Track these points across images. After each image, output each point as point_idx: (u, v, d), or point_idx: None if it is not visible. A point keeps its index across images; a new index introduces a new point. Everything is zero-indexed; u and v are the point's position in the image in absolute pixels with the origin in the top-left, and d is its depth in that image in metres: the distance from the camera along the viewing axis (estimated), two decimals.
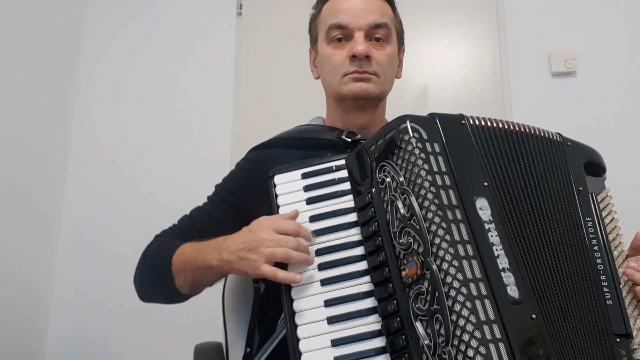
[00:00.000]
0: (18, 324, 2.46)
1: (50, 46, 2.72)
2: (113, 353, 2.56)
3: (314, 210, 1.16)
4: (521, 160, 1.10)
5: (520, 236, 1.00)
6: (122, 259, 2.61)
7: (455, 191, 1.00)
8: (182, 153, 2.72)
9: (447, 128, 1.08)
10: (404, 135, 1.06)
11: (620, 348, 0.95)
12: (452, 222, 0.96)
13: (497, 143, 1.11)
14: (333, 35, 1.43)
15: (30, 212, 2.55)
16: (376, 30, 1.42)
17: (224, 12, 2.85)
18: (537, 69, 2.53)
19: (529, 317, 0.90)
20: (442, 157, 1.04)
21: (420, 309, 0.93)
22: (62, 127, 2.80)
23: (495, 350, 0.84)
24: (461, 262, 0.91)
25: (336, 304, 1.04)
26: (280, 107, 2.65)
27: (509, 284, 0.92)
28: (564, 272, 0.99)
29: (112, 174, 2.76)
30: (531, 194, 1.06)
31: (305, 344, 1.01)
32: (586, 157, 1.19)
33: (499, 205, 1.01)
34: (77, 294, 2.65)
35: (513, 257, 0.95)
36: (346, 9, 1.42)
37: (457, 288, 0.89)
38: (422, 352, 0.91)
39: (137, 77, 2.87)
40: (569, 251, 1.02)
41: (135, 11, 2.96)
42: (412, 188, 1.01)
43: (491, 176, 1.05)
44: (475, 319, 0.86)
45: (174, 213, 2.54)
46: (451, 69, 2.59)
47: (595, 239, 1.06)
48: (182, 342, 1.71)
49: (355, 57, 1.38)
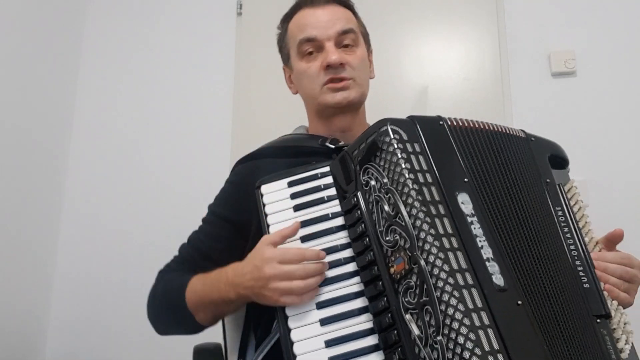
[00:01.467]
0: (18, 324, 2.46)
1: (50, 46, 2.74)
2: (113, 353, 2.55)
3: (301, 216, 1.18)
4: (496, 157, 1.14)
5: (502, 227, 1.03)
6: (122, 259, 2.63)
7: (437, 187, 1.03)
8: (182, 153, 2.73)
9: (425, 129, 1.12)
10: (385, 137, 1.10)
11: (601, 328, 0.98)
12: (435, 217, 0.99)
13: (474, 141, 1.14)
14: (304, 49, 1.47)
15: (30, 212, 2.56)
16: (344, 37, 1.47)
17: (224, 12, 2.88)
18: (537, 69, 2.56)
19: (515, 303, 0.92)
20: (423, 156, 1.07)
21: (410, 302, 0.95)
22: (62, 127, 2.81)
23: (484, 335, 0.86)
24: (447, 254, 0.94)
25: (328, 306, 1.06)
26: (280, 107, 2.65)
27: (494, 273, 0.94)
28: (544, 259, 1.03)
29: (112, 173, 2.77)
30: (508, 188, 1.10)
31: (300, 347, 1.03)
32: (550, 151, 1.23)
33: (480, 199, 1.05)
34: (77, 294, 2.63)
35: (497, 247, 0.99)
36: (312, 23, 1.47)
37: (444, 279, 0.92)
38: (414, 344, 0.93)
39: (137, 77, 2.88)
40: (546, 239, 1.06)
41: (136, 11, 2.98)
42: (396, 187, 1.04)
43: (470, 172, 1.09)
44: (464, 307, 0.89)
45: (174, 213, 2.58)
46: (451, 69, 2.62)
47: (567, 227, 1.09)
48: (182, 342, 1.71)
49: (329, 66, 1.42)
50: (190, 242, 1.44)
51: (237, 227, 1.38)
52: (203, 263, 1.35)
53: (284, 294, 1.05)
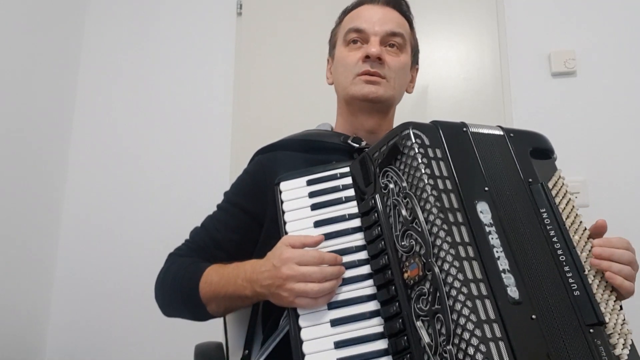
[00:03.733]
0: (18, 324, 2.46)
1: (50, 45, 2.73)
2: (113, 353, 2.55)
3: (318, 216, 1.18)
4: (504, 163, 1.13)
5: (515, 238, 1.01)
6: (122, 259, 2.63)
7: (456, 195, 1.02)
8: (182, 153, 2.72)
9: (448, 135, 1.11)
10: (407, 142, 1.09)
11: (595, 338, 0.94)
12: (453, 225, 0.97)
13: (494, 149, 1.14)
14: (350, 37, 1.50)
15: (30, 213, 2.55)
16: (391, 38, 1.49)
17: (224, 12, 2.86)
18: (537, 69, 2.54)
19: (529, 317, 0.91)
20: (444, 163, 1.06)
21: (421, 309, 0.95)
22: (62, 127, 2.81)
23: (495, 348, 0.85)
24: (462, 263, 0.93)
25: (339, 307, 1.06)
26: (280, 107, 2.66)
27: (509, 285, 0.93)
28: (542, 270, 1.00)
29: (112, 173, 2.77)
30: (512, 195, 1.09)
31: (309, 346, 1.03)
32: (531, 144, 1.20)
33: (500, 209, 1.03)
34: (77, 294, 2.64)
35: (513, 259, 0.97)
36: (365, 16, 1.50)
37: (458, 288, 0.91)
38: (423, 352, 0.92)
39: (137, 77, 2.88)
40: (536, 248, 1.03)
41: (136, 11, 2.98)
42: (415, 192, 1.04)
43: (491, 181, 1.07)
44: (476, 317, 0.87)
45: (174, 213, 2.58)
46: (451, 69, 2.60)
47: (553, 230, 1.06)
48: (182, 342, 1.71)
49: (368, 58, 1.43)
50: (205, 229, 1.43)
51: (252, 217, 1.38)
52: (216, 252, 1.36)
53: (299, 296, 1.05)
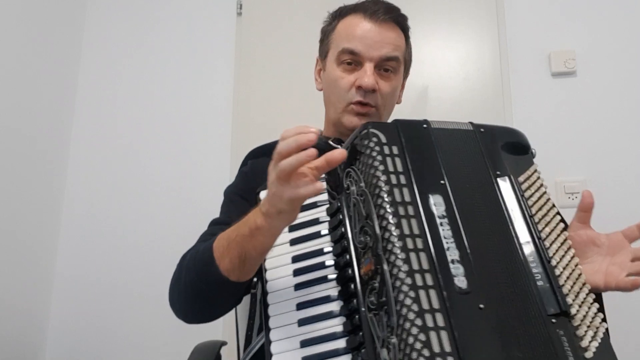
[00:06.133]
0: (18, 324, 2.48)
1: (50, 45, 2.74)
2: (113, 353, 2.58)
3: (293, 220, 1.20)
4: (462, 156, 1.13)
5: (470, 229, 1.01)
6: (122, 260, 2.66)
7: (410, 189, 1.03)
8: (182, 153, 2.75)
9: (407, 132, 1.12)
10: (364, 141, 1.11)
11: (558, 328, 0.92)
12: (402, 218, 0.98)
13: (459, 143, 1.14)
14: (344, 59, 1.45)
15: (30, 213, 2.57)
16: (386, 63, 1.45)
17: (224, 12, 2.87)
18: (537, 69, 2.52)
19: (476, 306, 0.90)
20: (400, 159, 1.07)
21: (373, 303, 0.95)
22: (62, 127, 2.83)
23: (436, 337, 0.85)
24: (408, 255, 0.93)
25: (307, 307, 1.07)
26: (280, 107, 2.67)
27: (457, 275, 0.93)
28: (499, 260, 0.99)
29: (112, 173, 2.80)
30: (473, 188, 1.08)
31: (277, 346, 1.04)
32: (503, 139, 1.19)
33: (457, 201, 1.03)
34: (77, 294, 2.67)
35: (466, 250, 0.97)
36: (361, 37, 1.43)
37: (402, 279, 0.90)
38: (374, 345, 0.92)
39: (137, 77, 2.90)
40: (499, 239, 1.02)
41: (136, 11, 3.00)
42: (370, 189, 1.05)
43: (450, 174, 1.07)
44: (418, 307, 0.87)
45: (174, 213, 2.60)
46: (451, 69, 2.59)
47: (519, 222, 1.05)
48: (182, 342, 1.72)
49: (361, 88, 1.41)
50: (212, 226, 1.39)
51: None
52: None
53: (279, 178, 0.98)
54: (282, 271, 1.14)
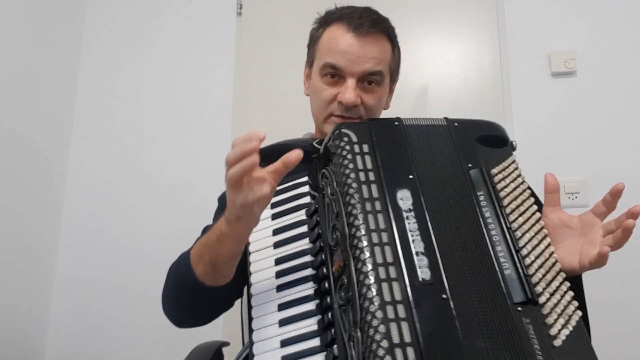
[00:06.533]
0: (18, 325, 2.48)
1: (50, 45, 2.75)
2: (113, 353, 2.58)
3: (276, 224, 1.23)
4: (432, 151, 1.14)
5: (437, 222, 1.01)
6: (122, 261, 2.66)
7: (378, 185, 1.04)
8: (182, 154, 2.74)
9: (378, 130, 1.14)
10: (336, 141, 1.14)
11: (524, 317, 0.91)
12: (369, 213, 1.00)
13: (431, 139, 1.15)
14: (326, 72, 1.45)
15: (30, 214, 2.58)
16: (369, 77, 1.43)
17: (224, 12, 2.87)
18: (537, 69, 2.49)
19: (439, 297, 0.90)
20: (370, 156, 1.09)
21: (342, 298, 0.96)
22: (62, 127, 2.83)
23: (396, 329, 0.85)
24: (373, 249, 0.94)
25: (287, 307, 1.09)
26: (280, 107, 2.67)
27: (421, 267, 0.93)
28: (466, 250, 0.99)
29: (113, 173, 2.80)
30: (441, 181, 1.09)
31: (258, 346, 1.06)
32: (478, 132, 1.19)
33: (425, 195, 1.04)
34: (77, 296, 2.67)
35: (432, 242, 0.97)
36: (343, 51, 1.41)
37: (366, 272, 0.92)
38: (343, 341, 0.93)
39: (137, 77, 2.91)
40: (468, 229, 1.02)
41: (136, 11, 3.00)
42: (340, 187, 1.07)
43: (419, 169, 1.09)
44: (380, 300, 0.88)
45: (174, 214, 2.61)
46: (451, 69, 2.58)
47: (489, 211, 1.05)
48: (182, 342, 1.72)
49: (342, 103, 1.40)
50: (207, 228, 1.37)
51: None
52: None
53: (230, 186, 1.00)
54: (265, 274, 1.16)
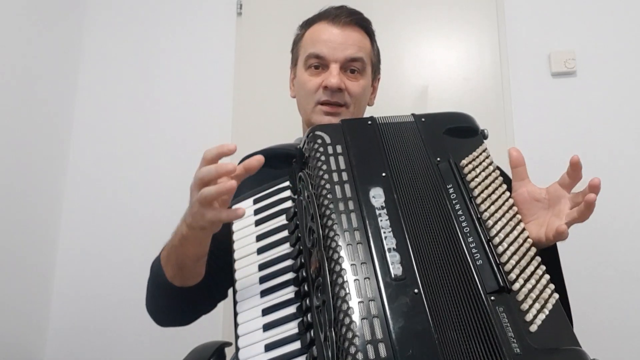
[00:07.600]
0: (17, 327, 2.48)
1: (50, 46, 2.76)
2: (113, 354, 2.59)
3: (260, 230, 1.24)
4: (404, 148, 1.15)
5: (409, 218, 1.01)
6: (122, 259, 2.67)
7: (351, 185, 1.05)
8: (182, 154, 2.75)
9: (352, 131, 1.15)
10: (310, 144, 1.15)
11: (497, 305, 0.90)
12: (342, 213, 1.00)
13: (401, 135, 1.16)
14: (310, 63, 1.53)
15: (29, 215, 2.58)
16: (351, 63, 1.51)
17: (224, 12, 2.89)
18: (537, 69, 2.50)
19: (411, 292, 0.90)
20: (343, 157, 1.10)
21: (318, 299, 0.97)
22: (62, 127, 2.84)
23: (368, 326, 0.85)
24: (347, 248, 0.95)
25: (271, 312, 1.10)
26: (280, 107, 2.65)
27: (393, 263, 0.93)
28: (438, 244, 0.99)
29: (112, 175, 2.80)
30: (412, 177, 1.09)
31: (244, 352, 1.07)
32: (445, 125, 1.20)
33: (398, 192, 1.05)
34: (76, 298, 2.69)
35: (402, 238, 0.97)
36: (325, 40, 1.51)
37: (339, 272, 0.92)
38: (320, 342, 0.93)
39: (137, 77, 2.91)
40: (439, 223, 1.02)
41: (136, 11, 3.01)
42: (315, 189, 1.08)
43: (391, 167, 1.09)
44: (352, 298, 0.89)
45: (174, 213, 2.58)
46: (451, 69, 2.59)
47: (459, 203, 1.05)
48: (182, 342, 1.72)
49: (327, 88, 1.47)
50: None
51: None
52: None
53: (201, 204, 1.04)
54: (250, 280, 1.17)
